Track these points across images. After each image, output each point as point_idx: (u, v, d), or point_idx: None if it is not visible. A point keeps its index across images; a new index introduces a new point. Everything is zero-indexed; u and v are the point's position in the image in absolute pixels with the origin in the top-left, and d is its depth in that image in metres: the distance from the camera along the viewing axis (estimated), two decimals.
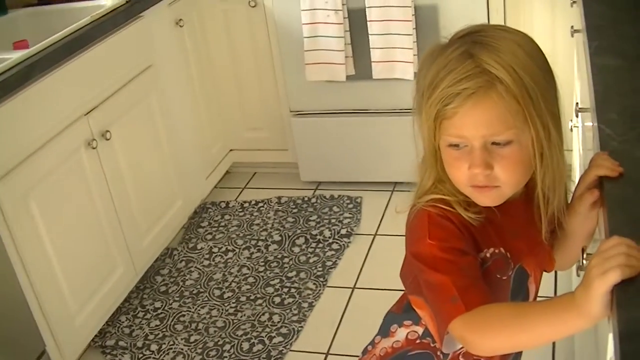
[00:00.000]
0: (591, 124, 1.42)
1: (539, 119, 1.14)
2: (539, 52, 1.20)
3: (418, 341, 1.40)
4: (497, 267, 1.27)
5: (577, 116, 1.79)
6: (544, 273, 1.43)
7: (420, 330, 1.39)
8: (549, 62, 1.21)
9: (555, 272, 2.80)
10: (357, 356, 1.58)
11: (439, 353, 1.39)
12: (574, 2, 2.57)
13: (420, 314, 1.31)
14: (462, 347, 1.31)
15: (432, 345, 1.38)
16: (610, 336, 0.95)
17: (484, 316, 1.13)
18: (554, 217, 1.29)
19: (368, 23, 3.20)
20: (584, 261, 1.20)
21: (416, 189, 1.30)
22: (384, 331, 1.47)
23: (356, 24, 3.26)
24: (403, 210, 1.31)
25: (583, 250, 1.20)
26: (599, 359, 1.27)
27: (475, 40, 1.16)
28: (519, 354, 1.48)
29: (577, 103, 1.80)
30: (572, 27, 2.38)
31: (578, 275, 1.43)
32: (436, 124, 1.17)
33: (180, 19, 3.31)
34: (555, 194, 1.25)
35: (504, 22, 3.12)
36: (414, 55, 3.15)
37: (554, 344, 2.55)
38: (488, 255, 1.26)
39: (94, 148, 2.68)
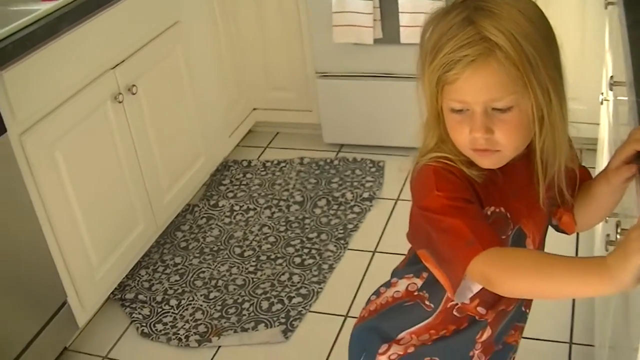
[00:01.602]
0: (627, 98, 1.40)
1: (539, 85, 1.15)
2: (542, 18, 1.20)
3: (416, 293, 1.43)
4: (497, 226, 1.29)
5: (610, 89, 1.77)
6: (565, 239, 1.44)
7: (419, 282, 1.43)
8: (552, 29, 1.21)
9: (577, 245, 2.80)
10: None
11: (427, 302, 1.42)
12: None
13: (429, 266, 1.32)
14: (465, 300, 1.31)
15: (425, 296, 1.42)
16: None
17: (510, 257, 1.17)
18: (553, 183, 1.30)
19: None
20: (618, 235, 1.20)
21: (419, 149, 1.33)
22: (388, 283, 1.51)
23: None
24: (406, 169, 1.34)
25: (617, 225, 1.20)
26: (628, 331, 1.27)
27: (477, 6, 1.17)
28: (530, 302, 1.50)
29: (611, 76, 1.77)
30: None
31: (607, 250, 1.43)
32: (438, 89, 1.19)
33: None
34: (555, 160, 1.26)
35: None
36: None
37: (573, 302, 2.55)
38: (489, 213, 1.29)
39: (120, 102, 2.68)
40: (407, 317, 1.46)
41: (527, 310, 1.51)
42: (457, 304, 1.39)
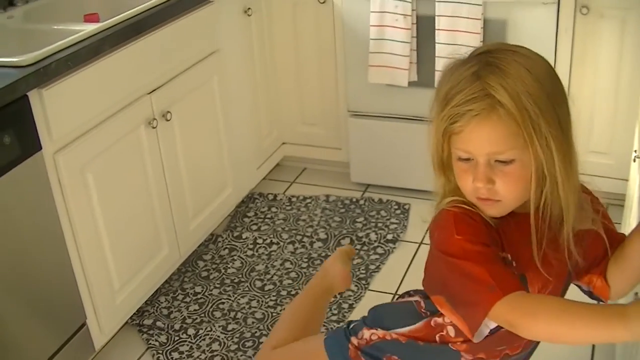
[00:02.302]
0: None
1: (539, 142, 1.20)
2: (549, 76, 1.25)
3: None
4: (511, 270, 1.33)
5: None
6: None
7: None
8: (561, 86, 1.27)
9: None
10: None
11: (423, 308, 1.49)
12: None
13: (444, 312, 1.35)
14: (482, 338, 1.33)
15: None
16: None
17: (531, 302, 1.21)
18: (565, 242, 1.31)
19: (436, 31, 3.18)
20: None
21: (437, 194, 1.39)
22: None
23: (424, 31, 3.24)
24: (429, 219, 1.39)
25: None
26: None
27: (488, 62, 1.24)
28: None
29: None
30: None
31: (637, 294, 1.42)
32: (444, 138, 1.27)
33: (249, 8, 3.31)
34: (560, 218, 1.28)
35: (572, 45, 3.08)
36: None
37: (593, 346, 2.51)
38: (504, 255, 1.33)
39: (154, 127, 2.69)
40: (403, 315, 1.53)
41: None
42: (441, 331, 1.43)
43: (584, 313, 1.13)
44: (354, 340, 1.63)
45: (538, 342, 1.49)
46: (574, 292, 1.47)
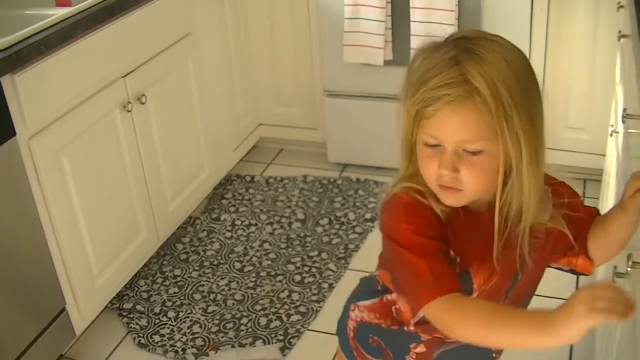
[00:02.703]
0: None
1: (510, 136, 1.18)
2: (526, 69, 1.23)
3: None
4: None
5: (622, 122, 1.77)
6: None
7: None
8: (535, 81, 1.24)
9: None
10: None
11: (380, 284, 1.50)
12: (621, 6, 2.55)
13: (390, 287, 1.39)
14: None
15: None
16: None
17: (464, 306, 1.22)
18: (517, 240, 1.30)
19: (411, 10, 3.18)
20: (628, 268, 1.21)
21: (397, 175, 1.37)
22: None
23: (398, 9, 3.23)
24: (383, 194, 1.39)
25: (628, 258, 1.20)
26: None
27: (467, 47, 1.20)
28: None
29: (624, 109, 1.78)
30: (619, 31, 2.36)
31: (614, 280, 1.43)
32: (415, 121, 1.23)
33: None
34: (519, 217, 1.27)
35: (547, 24, 3.09)
36: None
37: (571, 346, 2.54)
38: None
39: (128, 111, 2.68)
40: (366, 289, 1.55)
41: (496, 356, 1.53)
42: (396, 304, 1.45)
43: (513, 320, 1.16)
44: (349, 323, 1.64)
45: None
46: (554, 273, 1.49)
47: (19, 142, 2.23)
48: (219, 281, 2.94)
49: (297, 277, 2.93)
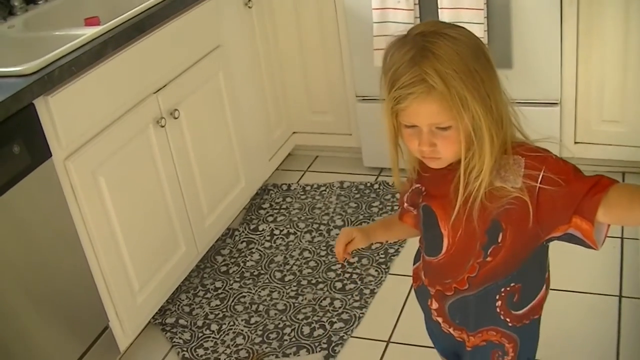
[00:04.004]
0: None
1: (466, 114, 1.41)
2: (476, 57, 1.44)
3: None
4: (414, 195, 1.66)
5: None
6: None
7: None
8: (487, 65, 1.46)
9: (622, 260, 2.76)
10: (419, 345, 1.96)
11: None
12: None
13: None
14: None
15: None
16: None
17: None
18: (472, 198, 1.49)
19: (439, 10, 3.15)
20: None
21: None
22: None
23: (426, 10, 3.21)
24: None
25: None
26: None
27: (424, 46, 1.41)
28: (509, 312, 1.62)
29: None
30: None
31: None
32: (393, 113, 1.48)
33: (250, 0, 3.30)
34: (476, 178, 1.47)
35: (577, 16, 3.04)
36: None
37: (622, 256, 2.55)
38: (415, 187, 1.65)
39: (162, 126, 2.69)
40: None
41: (507, 319, 1.62)
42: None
43: None
44: None
45: (491, 284, 1.58)
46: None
47: (55, 163, 2.25)
48: (260, 292, 2.94)
49: (339, 285, 2.92)
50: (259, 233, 3.31)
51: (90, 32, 2.42)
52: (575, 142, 3.29)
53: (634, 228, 2.82)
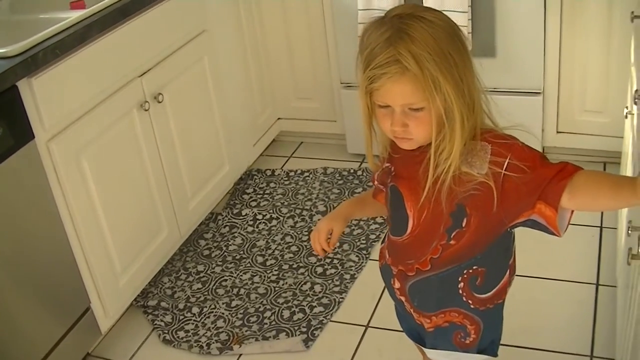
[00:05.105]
0: None
1: (439, 96, 1.44)
2: (451, 41, 1.46)
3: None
4: (383, 174, 1.70)
5: (635, 103, 1.77)
6: None
7: None
8: (461, 49, 1.48)
9: (599, 260, 2.79)
10: (397, 330, 1.84)
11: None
12: None
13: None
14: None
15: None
16: None
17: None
18: (441, 180, 1.52)
19: None
20: None
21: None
22: None
23: None
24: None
25: None
26: None
27: (400, 28, 1.44)
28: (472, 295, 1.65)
29: (636, 90, 1.77)
30: (632, 12, 2.35)
31: (629, 264, 1.43)
32: (367, 92, 1.50)
33: None
34: (445, 162, 1.49)
35: (561, 5, 3.06)
36: (468, 33, 3.12)
37: (595, 314, 2.57)
38: (385, 166, 1.69)
39: (146, 110, 2.70)
40: None
41: (469, 301, 1.65)
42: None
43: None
44: None
45: (454, 266, 1.61)
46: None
47: (37, 144, 2.26)
48: (241, 275, 2.96)
49: (319, 269, 2.94)
50: (242, 218, 3.34)
51: (75, 15, 2.43)
52: (558, 132, 3.32)
53: (613, 217, 2.86)
